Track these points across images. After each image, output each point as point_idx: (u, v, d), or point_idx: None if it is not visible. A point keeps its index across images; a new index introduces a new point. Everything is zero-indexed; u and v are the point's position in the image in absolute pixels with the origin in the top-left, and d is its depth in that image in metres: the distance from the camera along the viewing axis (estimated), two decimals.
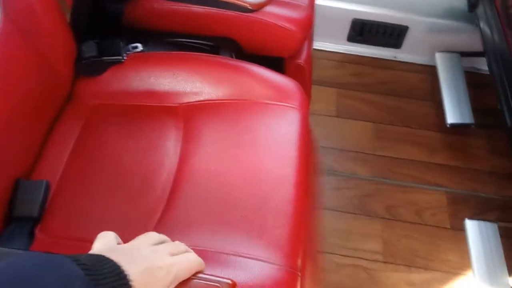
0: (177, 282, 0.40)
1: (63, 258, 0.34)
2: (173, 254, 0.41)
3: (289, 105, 0.87)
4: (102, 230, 0.74)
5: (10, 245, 0.66)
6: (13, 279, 0.31)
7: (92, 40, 0.89)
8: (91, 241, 0.72)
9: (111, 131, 0.85)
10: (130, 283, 0.34)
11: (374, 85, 1.55)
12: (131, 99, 0.88)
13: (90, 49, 0.86)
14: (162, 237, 0.43)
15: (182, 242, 0.69)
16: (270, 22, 0.99)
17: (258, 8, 0.79)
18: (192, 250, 0.44)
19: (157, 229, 0.72)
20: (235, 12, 0.94)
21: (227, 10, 0.94)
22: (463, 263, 1.17)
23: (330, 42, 1.61)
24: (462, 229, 1.20)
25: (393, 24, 1.52)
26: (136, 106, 0.88)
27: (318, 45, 1.61)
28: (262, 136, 0.83)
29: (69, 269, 0.33)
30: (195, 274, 0.44)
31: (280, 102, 0.87)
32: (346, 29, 1.57)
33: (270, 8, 0.99)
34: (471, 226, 1.15)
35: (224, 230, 0.70)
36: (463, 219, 1.20)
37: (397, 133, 1.43)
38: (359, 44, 1.60)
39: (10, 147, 0.72)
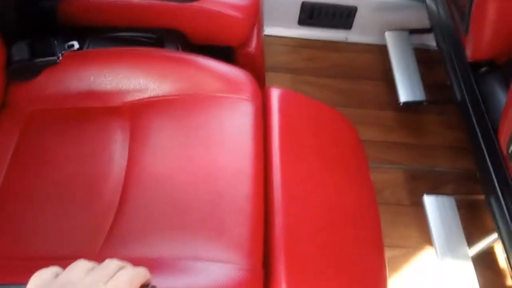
0: None
1: None
2: (109, 277, 0.37)
3: (241, 96, 0.84)
4: (49, 244, 0.70)
5: None
6: None
7: (22, 42, 0.82)
8: (38, 258, 0.68)
9: (51, 138, 0.79)
10: None
11: (328, 68, 1.54)
12: (70, 102, 0.82)
13: (20, 51, 0.79)
14: (91, 264, 0.39)
15: (135, 252, 0.65)
16: (215, 10, 0.95)
17: None
18: (127, 264, 0.40)
19: (108, 240, 0.67)
20: (178, 2, 0.89)
21: (169, 1, 0.89)
22: (424, 238, 1.19)
23: (282, 27, 1.58)
24: (421, 205, 1.22)
25: (341, 5, 1.51)
26: (76, 109, 0.82)
27: (269, 30, 1.58)
28: (214, 131, 0.79)
29: None
30: (142, 286, 0.40)
31: (232, 94, 0.84)
32: (296, 12, 1.54)
33: None
34: (429, 201, 1.17)
35: (180, 235, 0.67)
36: (421, 195, 1.22)
37: (353, 115, 1.42)
38: (310, 28, 1.58)
39: None
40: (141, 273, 0.40)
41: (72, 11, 0.94)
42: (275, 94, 0.90)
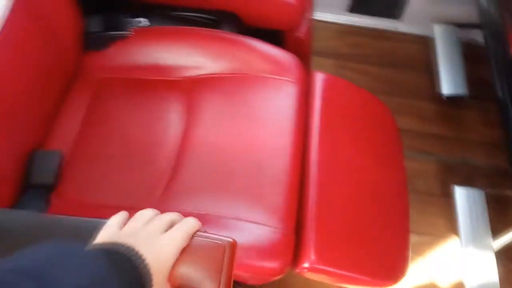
0: (181, 249, 0.45)
1: (81, 245, 0.39)
2: (170, 226, 0.46)
3: (286, 78, 0.91)
4: (113, 197, 0.81)
5: (27, 210, 0.73)
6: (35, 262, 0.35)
7: (98, 15, 0.92)
8: (102, 206, 0.79)
9: (118, 104, 0.90)
10: (146, 261, 0.40)
11: (372, 56, 1.58)
12: (136, 73, 0.92)
13: (96, 24, 0.90)
14: (155, 212, 0.48)
15: (186, 207, 0.75)
16: None
17: None
18: (180, 217, 0.49)
19: (164, 195, 0.78)
20: None
21: None
22: (450, 228, 1.24)
23: (330, 13, 1.62)
24: (451, 196, 1.26)
25: None
26: (141, 80, 0.92)
27: (317, 15, 1.62)
28: (260, 109, 0.87)
29: (90, 253, 0.37)
30: (195, 234, 0.49)
31: (278, 76, 0.91)
32: None
33: None
34: (460, 192, 1.21)
35: (224, 196, 0.76)
36: (453, 187, 1.26)
37: (393, 103, 1.46)
38: (359, 15, 1.61)
39: (24, 117, 0.77)
40: (194, 225, 0.48)
41: None
42: (319, 78, 0.96)
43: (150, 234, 0.44)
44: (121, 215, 0.48)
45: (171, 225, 0.47)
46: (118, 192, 0.80)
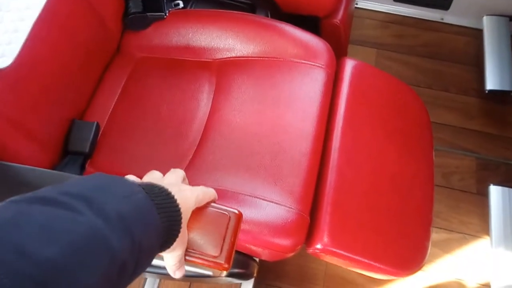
0: (199, 201, 0.50)
1: (123, 178, 0.44)
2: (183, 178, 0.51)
3: (315, 64, 0.92)
4: (142, 168, 0.86)
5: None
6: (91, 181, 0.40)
7: None
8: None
9: (153, 81, 0.95)
10: (175, 197, 0.45)
11: (417, 47, 1.54)
12: (171, 53, 0.97)
13: (136, 4, 0.95)
14: (184, 174, 0.53)
15: (207, 181, 0.79)
16: None
17: None
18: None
19: (188, 168, 0.82)
20: None
21: None
22: (483, 227, 1.20)
23: (375, 1, 1.59)
24: (487, 196, 1.21)
25: None
26: (175, 60, 0.96)
27: (362, 4, 1.60)
28: (285, 93, 0.89)
29: (131, 184, 0.43)
30: (209, 203, 0.53)
31: (307, 60, 0.92)
32: None
33: None
34: (495, 192, 1.17)
35: (244, 174, 0.79)
36: (489, 185, 1.22)
37: (434, 97, 1.43)
38: (405, 4, 1.57)
39: (67, 90, 0.84)
40: (214, 193, 0.53)
41: None
42: (349, 65, 0.96)
43: (172, 182, 0.49)
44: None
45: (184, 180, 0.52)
46: (146, 163, 0.85)
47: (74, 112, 0.87)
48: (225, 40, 0.94)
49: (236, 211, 0.55)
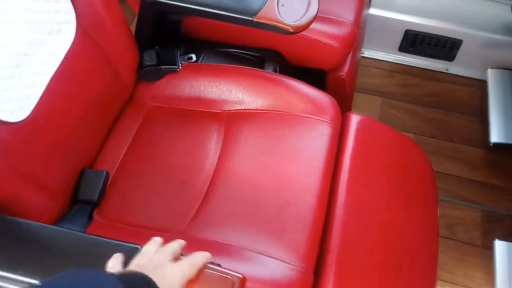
0: (187, 277, 0.50)
1: (104, 276, 0.44)
2: (174, 256, 0.52)
3: (321, 118, 0.94)
4: (150, 216, 0.87)
5: (72, 224, 0.80)
6: None
7: (152, 49, 1.01)
8: (138, 226, 0.85)
9: (163, 131, 0.97)
10: (156, 284, 0.45)
11: (422, 96, 1.56)
12: (182, 103, 1.00)
13: (150, 58, 0.99)
14: (159, 243, 0.54)
15: (211, 235, 0.80)
16: (314, 38, 1.07)
17: (300, 30, 0.87)
18: (183, 242, 0.54)
19: (193, 221, 0.83)
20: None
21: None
22: (488, 282, 1.19)
23: (381, 51, 1.64)
24: (492, 249, 1.20)
25: (446, 37, 1.52)
26: (186, 110, 0.99)
27: (368, 53, 1.65)
28: (292, 146, 0.91)
29: (107, 283, 0.42)
30: (204, 266, 0.53)
31: (314, 115, 0.95)
32: (398, 39, 1.58)
33: (315, 25, 1.06)
34: (500, 247, 1.16)
35: (249, 229, 0.80)
36: (495, 239, 1.21)
37: (439, 146, 1.45)
38: (410, 55, 1.61)
39: (79, 142, 0.86)
40: (201, 258, 0.53)
41: (194, 26, 1.13)
42: (354, 120, 0.98)
43: (156, 264, 0.50)
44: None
45: (174, 256, 0.52)
46: (153, 213, 0.86)
47: (85, 161, 0.90)
48: (235, 93, 0.97)
49: (240, 275, 0.56)
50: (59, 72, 0.79)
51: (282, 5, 0.86)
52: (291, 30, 0.86)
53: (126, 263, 0.52)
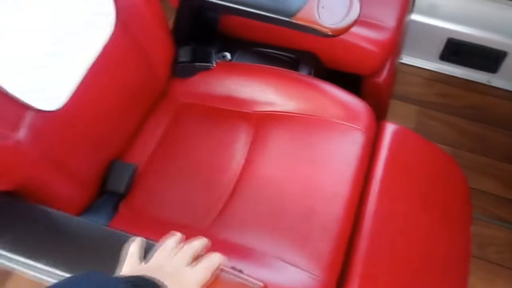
0: (203, 281, 0.49)
1: (116, 282, 0.43)
2: (194, 257, 0.50)
3: (355, 126, 0.92)
4: (174, 212, 0.87)
5: (97, 214, 0.81)
6: None
7: (188, 45, 1.01)
8: (161, 221, 0.85)
9: (193, 127, 0.97)
10: None
11: (461, 108, 1.50)
12: (213, 101, 0.99)
13: (186, 54, 0.98)
14: (177, 241, 0.52)
15: (233, 237, 0.79)
16: (353, 42, 1.04)
17: (339, 34, 0.84)
18: (205, 240, 0.52)
19: (216, 221, 0.82)
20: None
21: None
22: None
23: (421, 59, 1.58)
24: None
25: (490, 48, 1.45)
26: (216, 108, 0.98)
27: (407, 60, 1.60)
28: (322, 152, 0.89)
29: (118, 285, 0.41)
30: (218, 269, 0.52)
31: (347, 122, 0.92)
32: (439, 47, 1.53)
33: (354, 28, 1.03)
34: None
35: (272, 234, 0.79)
36: None
37: (476, 161, 1.39)
38: (451, 64, 1.55)
39: (110, 133, 0.87)
40: (217, 261, 0.51)
41: (229, 24, 1.12)
42: (389, 130, 0.95)
43: (175, 267, 0.49)
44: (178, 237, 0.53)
45: (194, 257, 0.51)
46: (177, 209, 0.86)
47: (115, 152, 0.90)
48: (266, 94, 0.95)
49: (261, 284, 0.54)
50: (95, 63, 0.79)
51: (323, 7, 0.84)
52: (329, 33, 0.84)
53: (145, 255, 0.52)
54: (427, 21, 1.48)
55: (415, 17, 1.47)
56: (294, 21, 0.84)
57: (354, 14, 0.85)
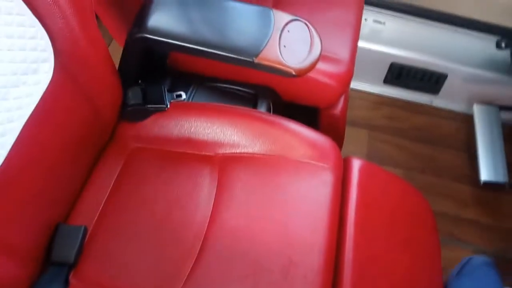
0: None
1: None
2: None
3: (323, 165, 0.88)
4: (133, 279, 0.77)
5: None
6: None
7: (137, 85, 0.92)
8: None
9: (148, 176, 0.88)
10: None
11: (408, 130, 1.54)
12: (170, 145, 0.90)
13: (135, 96, 0.89)
14: None
15: None
16: (311, 77, 1.01)
17: (303, 74, 0.80)
18: None
19: (186, 284, 0.73)
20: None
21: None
22: None
23: (366, 83, 1.61)
24: None
25: (431, 71, 1.51)
26: (174, 152, 0.90)
27: (354, 84, 1.61)
28: (293, 196, 0.84)
29: None
30: None
31: (315, 161, 0.88)
32: (383, 71, 1.56)
33: None
34: None
35: None
36: None
37: (428, 183, 1.42)
38: (395, 87, 1.59)
39: (54, 192, 0.75)
40: None
41: (180, 58, 1.04)
42: (356, 166, 0.92)
43: None
44: None
45: None
46: (137, 276, 0.76)
47: (60, 213, 0.79)
48: (229, 135, 0.89)
49: None
50: (34, 116, 0.68)
51: (284, 46, 0.80)
52: (293, 73, 0.80)
53: None
54: (370, 47, 1.51)
55: (359, 43, 1.49)
56: (257, 61, 0.79)
57: (316, 51, 0.82)
